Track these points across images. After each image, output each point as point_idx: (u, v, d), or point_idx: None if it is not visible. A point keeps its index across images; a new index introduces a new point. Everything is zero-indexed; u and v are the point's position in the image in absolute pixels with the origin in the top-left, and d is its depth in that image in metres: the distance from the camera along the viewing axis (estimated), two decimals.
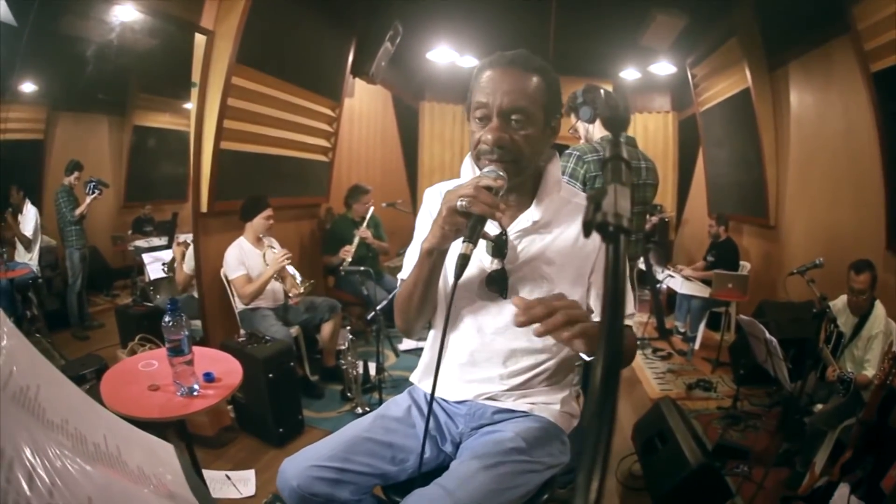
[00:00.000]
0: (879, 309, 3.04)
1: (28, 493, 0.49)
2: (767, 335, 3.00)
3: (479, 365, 1.38)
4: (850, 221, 4.01)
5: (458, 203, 1.10)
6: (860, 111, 3.70)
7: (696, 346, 5.00)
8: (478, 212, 1.09)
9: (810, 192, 4.61)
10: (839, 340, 3.14)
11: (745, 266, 5.40)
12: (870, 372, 2.88)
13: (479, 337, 1.36)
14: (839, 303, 3.21)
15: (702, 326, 5.08)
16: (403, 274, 1.41)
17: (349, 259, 4.54)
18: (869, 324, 3.04)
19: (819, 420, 2.82)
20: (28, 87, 2.97)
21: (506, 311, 1.32)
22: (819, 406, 3.00)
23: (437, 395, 1.41)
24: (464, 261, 1.08)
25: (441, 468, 1.32)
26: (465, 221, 1.12)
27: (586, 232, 0.59)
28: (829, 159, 4.29)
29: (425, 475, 1.31)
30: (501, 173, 1.19)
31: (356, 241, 4.61)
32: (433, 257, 1.22)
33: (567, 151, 2.38)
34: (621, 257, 0.54)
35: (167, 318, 1.73)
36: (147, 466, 0.70)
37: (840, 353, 3.12)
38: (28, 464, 0.51)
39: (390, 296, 3.34)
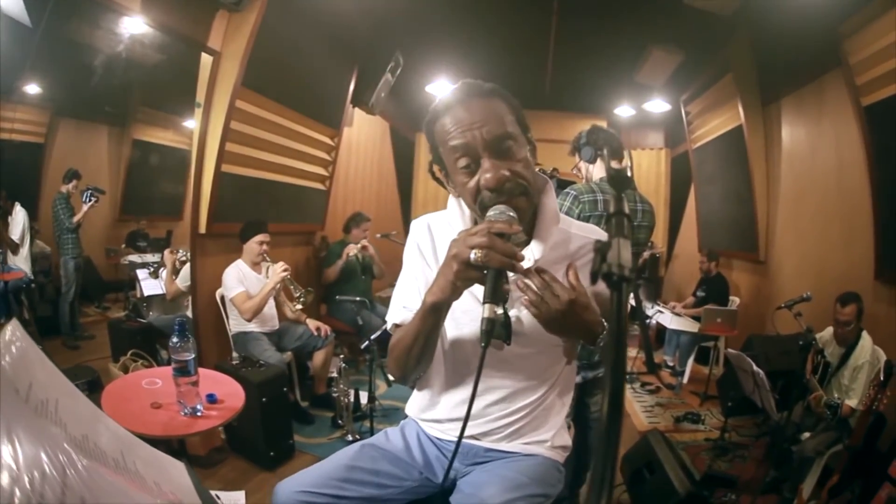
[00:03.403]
0: (866, 340, 3.10)
1: None
2: (755, 367, 3.05)
3: (477, 410, 1.28)
4: (839, 255, 4.07)
5: (472, 256, 0.98)
6: (851, 144, 3.78)
7: (685, 379, 5.03)
8: (496, 265, 0.97)
9: (801, 227, 4.68)
10: (826, 370, 3.20)
11: (735, 301, 5.45)
12: (853, 401, 2.94)
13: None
14: (826, 334, 3.28)
15: (690, 361, 5.11)
16: (393, 316, 1.32)
17: (355, 251, 4.62)
18: (856, 354, 3.09)
19: (807, 447, 2.86)
20: (33, 88, 2.97)
21: (507, 356, 1.24)
22: (806, 434, 3.03)
23: (430, 433, 1.39)
24: (491, 326, 0.95)
25: (434, 497, 1.35)
26: (479, 276, 1.00)
27: (593, 279, 0.67)
28: (820, 193, 4.37)
29: (417, 502, 1.33)
30: (512, 214, 1.07)
31: (359, 245, 4.68)
32: (439, 312, 1.11)
33: (565, 191, 2.43)
34: (624, 303, 0.61)
35: (175, 339, 1.74)
36: (163, 483, 0.71)
37: (827, 383, 3.17)
38: (59, 480, 0.51)
39: (385, 325, 3.34)
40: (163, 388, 1.95)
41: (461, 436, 1.03)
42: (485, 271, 1.00)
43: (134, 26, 2.96)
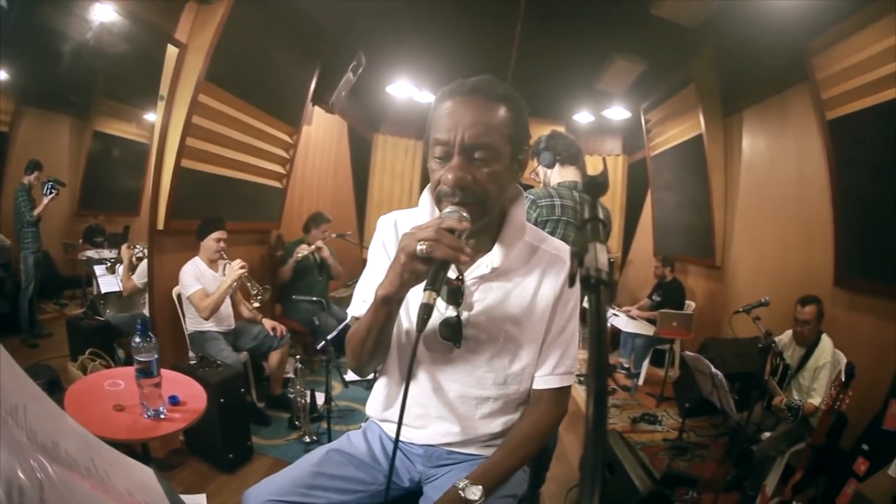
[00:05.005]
0: (826, 341, 3.21)
1: None
2: (713, 369, 3.11)
3: (432, 412, 1.33)
4: (796, 262, 4.19)
5: (418, 248, 1.01)
6: (812, 156, 3.90)
7: (640, 381, 5.14)
8: (441, 257, 1.00)
9: (758, 235, 4.80)
10: (786, 372, 3.30)
11: (690, 305, 5.57)
12: (816, 400, 3.04)
13: (430, 384, 1.31)
14: (785, 337, 3.39)
15: (646, 363, 5.22)
16: (354, 309, 1.34)
17: (305, 252, 4.58)
18: (816, 354, 3.19)
19: (768, 446, 2.94)
20: (1, 75, 2.86)
21: (458, 359, 1.28)
22: (766, 434, 3.11)
23: (392, 435, 1.38)
24: (427, 311, 0.98)
25: (400, 499, 1.38)
26: (425, 268, 1.03)
27: (571, 282, 0.71)
28: (779, 203, 4.48)
29: None
30: (465, 214, 1.10)
31: (314, 246, 4.64)
32: (389, 305, 1.12)
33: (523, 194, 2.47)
34: (602, 305, 0.64)
35: (137, 339, 1.70)
36: (136, 492, 0.70)
37: (787, 384, 3.27)
38: (37, 496, 0.50)
39: (340, 326, 3.35)
40: (125, 390, 1.91)
41: (396, 441, 1.10)
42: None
43: (104, 14, 2.89)
